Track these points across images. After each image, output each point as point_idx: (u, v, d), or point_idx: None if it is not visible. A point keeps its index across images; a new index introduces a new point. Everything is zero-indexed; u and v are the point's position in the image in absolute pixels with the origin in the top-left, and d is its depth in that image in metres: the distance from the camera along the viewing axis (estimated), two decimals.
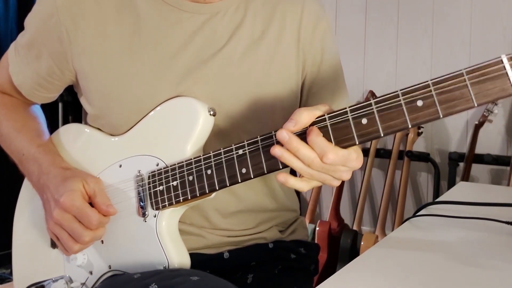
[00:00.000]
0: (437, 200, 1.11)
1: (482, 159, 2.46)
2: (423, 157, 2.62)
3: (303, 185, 0.75)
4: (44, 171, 0.90)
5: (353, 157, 0.71)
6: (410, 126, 0.65)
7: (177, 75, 0.87)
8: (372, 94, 2.60)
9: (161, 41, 0.87)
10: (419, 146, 2.67)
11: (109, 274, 0.89)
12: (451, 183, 2.52)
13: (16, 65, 0.97)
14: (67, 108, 2.63)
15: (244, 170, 0.75)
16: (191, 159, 0.81)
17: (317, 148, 0.70)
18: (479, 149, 2.49)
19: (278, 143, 0.72)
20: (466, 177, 2.44)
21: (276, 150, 0.71)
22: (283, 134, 0.70)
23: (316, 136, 0.70)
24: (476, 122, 2.39)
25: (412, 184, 2.75)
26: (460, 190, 1.27)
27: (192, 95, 0.86)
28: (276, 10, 0.93)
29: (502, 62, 0.61)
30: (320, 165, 0.70)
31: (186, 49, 0.88)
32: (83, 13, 0.87)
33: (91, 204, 0.86)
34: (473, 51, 2.58)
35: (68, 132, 0.98)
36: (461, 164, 2.53)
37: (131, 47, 0.87)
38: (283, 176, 0.73)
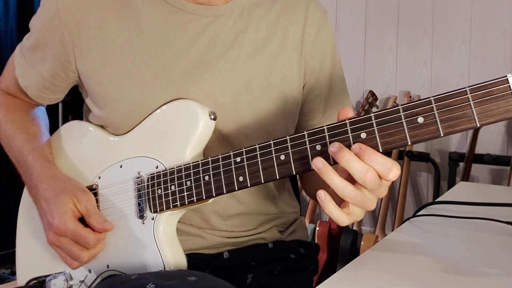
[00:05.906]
0: (437, 200, 1.11)
1: (482, 159, 2.46)
2: (423, 157, 2.61)
3: (343, 218, 0.66)
4: (34, 182, 0.90)
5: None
6: (409, 143, 0.63)
7: (179, 77, 0.86)
8: (372, 94, 2.60)
9: (163, 43, 0.87)
10: (419, 146, 2.67)
11: (107, 273, 0.89)
12: (451, 183, 2.52)
13: (21, 67, 0.98)
14: (67, 108, 2.63)
15: (241, 178, 0.75)
16: (189, 163, 0.80)
17: (378, 166, 0.63)
18: (479, 149, 2.49)
19: (277, 152, 0.71)
20: (466, 177, 2.44)
21: (318, 162, 0.65)
22: (335, 145, 0.65)
23: (373, 152, 0.63)
24: None
25: (412, 184, 2.75)
26: (460, 190, 1.27)
27: (193, 98, 0.86)
28: (280, 19, 0.93)
29: (508, 82, 0.57)
30: (377, 181, 0.64)
31: (189, 51, 0.87)
32: (85, 15, 0.87)
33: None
34: (473, 51, 2.58)
35: (72, 130, 0.98)
36: (461, 164, 2.53)
37: (133, 48, 0.87)
38: (323, 196, 0.65)
